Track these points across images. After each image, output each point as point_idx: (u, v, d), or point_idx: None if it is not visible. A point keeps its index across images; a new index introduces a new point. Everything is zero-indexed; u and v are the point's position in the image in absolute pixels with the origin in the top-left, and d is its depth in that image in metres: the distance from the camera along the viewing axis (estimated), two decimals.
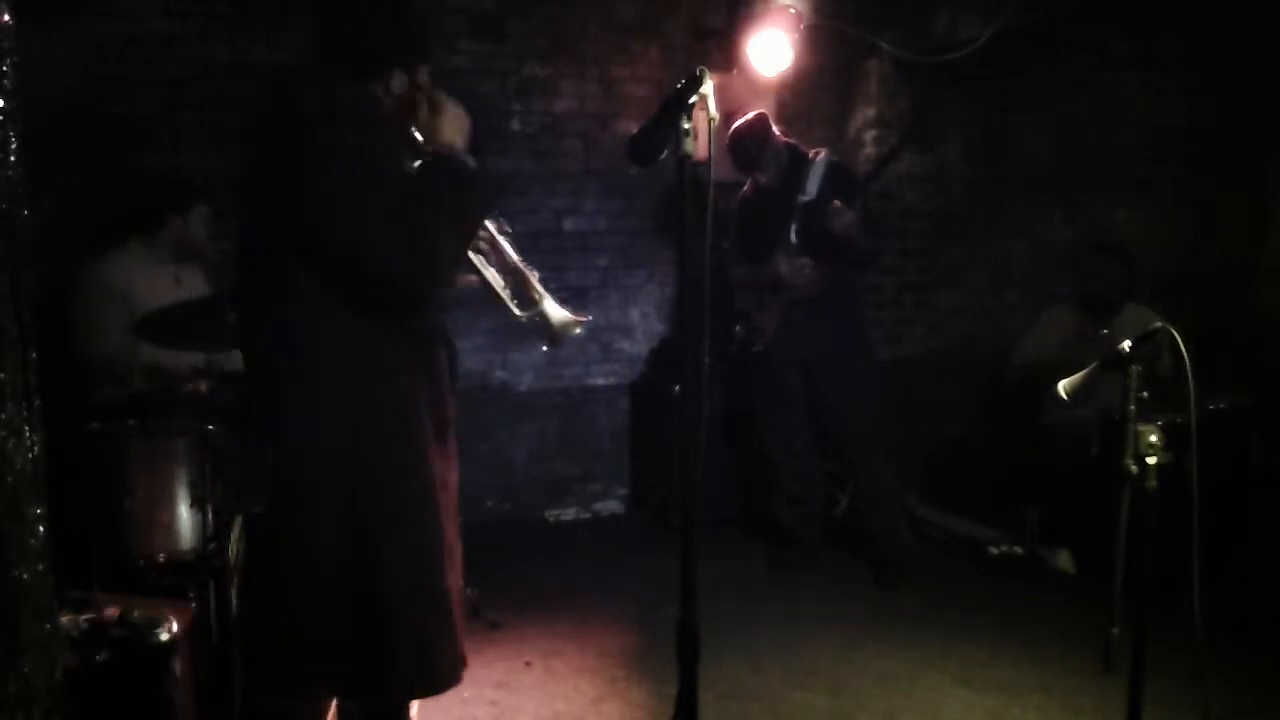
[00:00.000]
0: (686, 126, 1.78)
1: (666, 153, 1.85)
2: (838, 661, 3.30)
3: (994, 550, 4.17)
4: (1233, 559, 3.64)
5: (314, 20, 2.07)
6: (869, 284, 4.86)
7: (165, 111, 4.20)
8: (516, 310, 2.27)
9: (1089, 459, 3.86)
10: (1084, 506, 3.70)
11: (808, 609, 3.75)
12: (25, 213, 1.02)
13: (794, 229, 3.84)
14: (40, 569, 1.05)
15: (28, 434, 1.02)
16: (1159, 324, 2.07)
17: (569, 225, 4.94)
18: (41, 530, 1.05)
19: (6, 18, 1.01)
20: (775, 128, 3.99)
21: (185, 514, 2.66)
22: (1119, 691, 2.13)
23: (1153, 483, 2.00)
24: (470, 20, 4.63)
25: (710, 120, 1.78)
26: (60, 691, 1.08)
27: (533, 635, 3.51)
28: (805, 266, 3.85)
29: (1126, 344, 2.06)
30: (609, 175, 4.93)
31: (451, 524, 2.08)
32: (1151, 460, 1.98)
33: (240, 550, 2.64)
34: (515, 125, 4.79)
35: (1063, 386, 2.37)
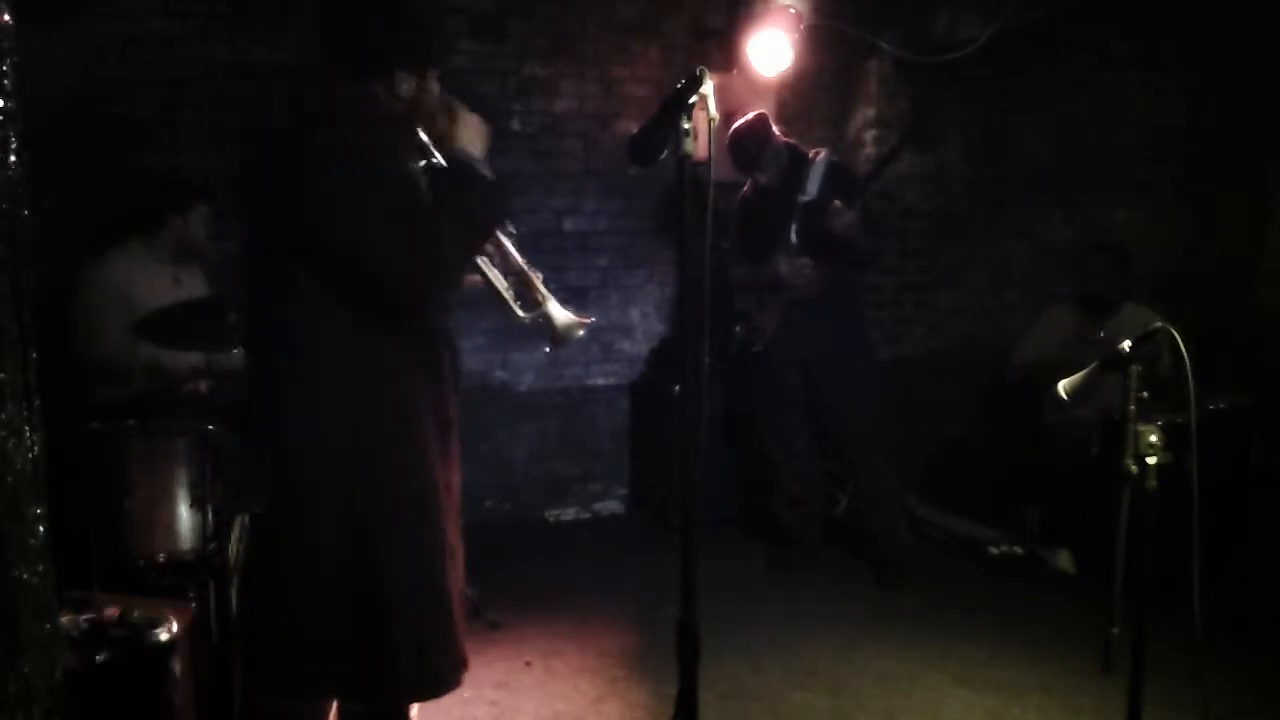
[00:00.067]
0: (686, 126, 1.78)
1: (666, 153, 1.84)
2: (838, 661, 3.30)
3: (994, 550, 4.17)
4: (1233, 559, 3.64)
5: (315, 20, 2.06)
6: (869, 284, 4.86)
7: (165, 111, 4.20)
8: (520, 312, 2.26)
9: (1089, 459, 3.86)
10: (1084, 506, 3.70)
11: (808, 609, 3.75)
12: (25, 213, 1.02)
13: (794, 229, 3.84)
14: (40, 569, 1.05)
15: (28, 434, 1.02)
16: (1159, 324, 2.07)
17: (569, 225, 4.94)
18: (41, 530, 1.05)
19: (6, 18, 1.01)
20: (775, 128, 3.99)
21: (185, 514, 2.66)
22: (1119, 691, 2.13)
23: (1153, 483, 2.00)
24: (470, 20, 4.63)
25: (710, 120, 1.78)
26: (60, 691, 1.08)
27: (533, 635, 3.52)
28: (805, 266, 3.85)
29: (1126, 344, 2.07)
30: (609, 175, 4.93)
31: (453, 526, 2.08)
32: (1151, 460, 1.98)
33: (240, 550, 2.64)
34: (515, 125, 4.78)
35: (1063, 386, 2.37)
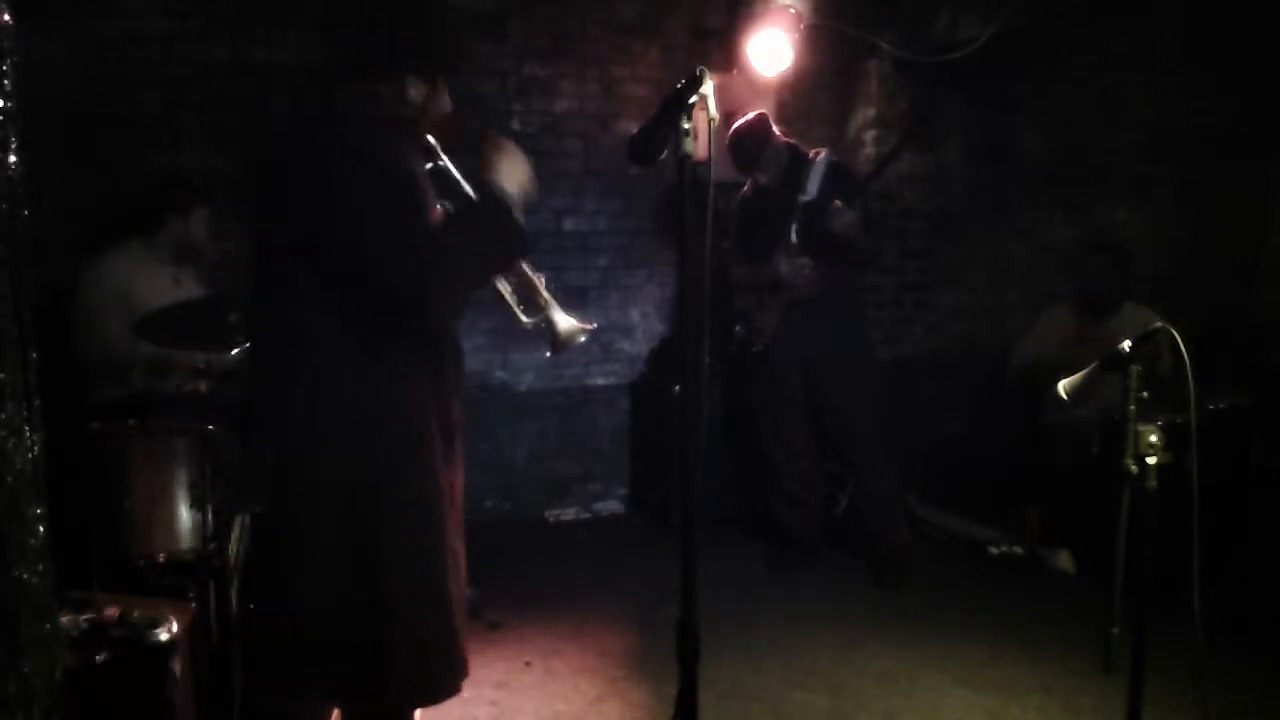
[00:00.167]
0: (686, 126, 1.77)
1: (666, 153, 1.84)
2: (838, 661, 3.30)
3: (994, 550, 4.17)
4: (1233, 559, 3.64)
5: (320, 19, 2.05)
6: (869, 284, 4.86)
7: (165, 111, 4.20)
8: (523, 317, 2.25)
9: (1089, 459, 3.86)
10: (1084, 506, 3.70)
11: (808, 609, 3.75)
12: (25, 213, 1.02)
13: (794, 229, 3.84)
14: (40, 569, 1.05)
15: (28, 434, 1.02)
16: (1159, 324, 2.07)
17: (569, 225, 4.94)
18: (41, 530, 1.05)
19: (6, 18, 1.01)
20: (775, 128, 4.00)
21: (185, 514, 2.66)
22: (1119, 691, 2.13)
23: (1153, 483, 2.00)
24: (470, 20, 4.63)
25: (710, 120, 1.77)
26: (60, 691, 1.08)
27: (533, 635, 3.52)
28: (805, 266, 3.85)
29: (1126, 344, 2.06)
30: (609, 175, 4.93)
31: (455, 531, 2.07)
32: (1151, 460, 1.98)
33: (240, 550, 2.64)
34: (515, 125, 4.78)
35: (1063, 386, 2.37)
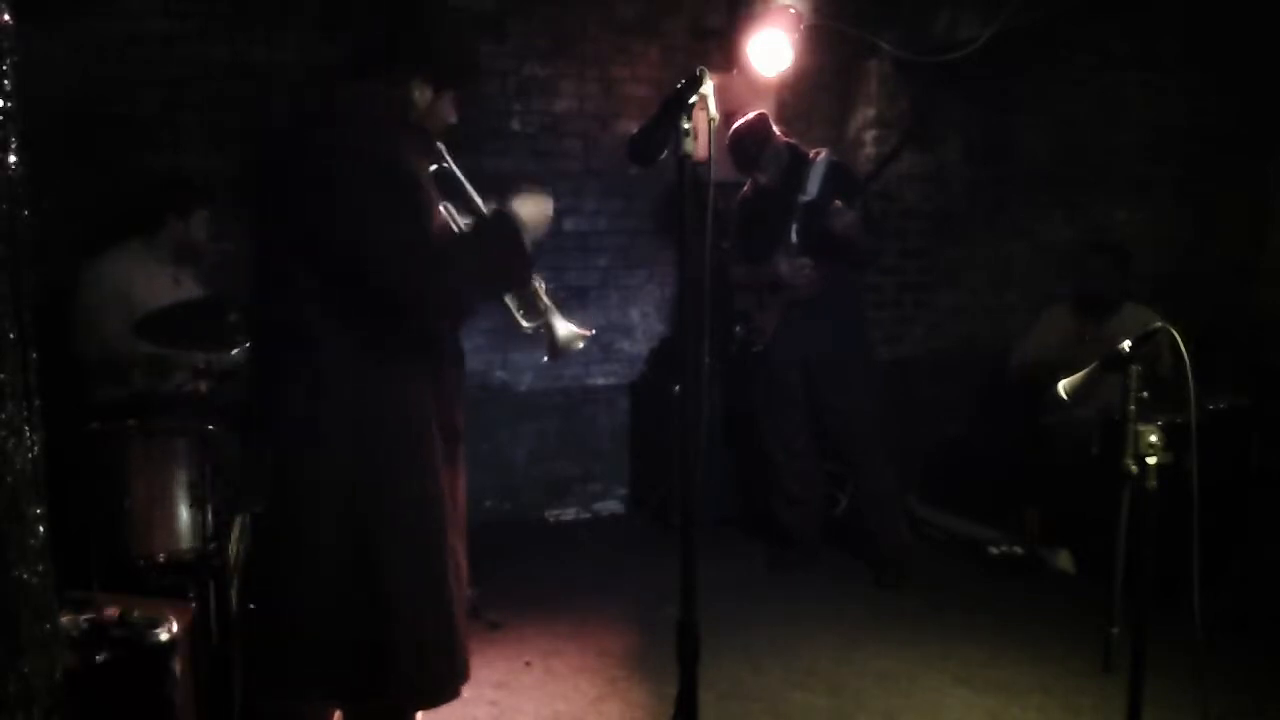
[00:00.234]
0: (686, 126, 1.77)
1: (666, 153, 1.84)
2: (838, 661, 3.30)
3: (994, 550, 4.17)
4: (1233, 559, 3.64)
5: (317, 20, 2.06)
6: (869, 284, 4.86)
7: (165, 111, 4.20)
8: (524, 322, 2.25)
9: (1089, 459, 3.86)
10: (1084, 506, 3.70)
11: (808, 609, 3.75)
12: (25, 213, 1.03)
13: (794, 229, 3.84)
14: (40, 569, 1.05)
15: (28, 434, 1.02)
16: (1159, 324, 2.07)
17: (569, 225, 4.94)
18: (41, 530, 1.05)
19: (6, 18, 1.01)
20: (775, 128, 3.99)
21: (185, 514, 2.66)
22: (1119, 691, 2.13)
23: (1153, 483, 2.00)
24: (470, 20, 4.62)
25: (710, 120, 1.78)
26: (60, 691, 1.08)
27: (533, 635, 3.52)
28: (805, 266, 3.85)
29: (1126, 344, 2.06)
30: (609, 175, 4.93)
31: (456, 535, 2.07)
32: (1151, 460, 1.98)
33: (240, 550, 2.64)
34: (515, 125, 4.78)
35: (1063, 386, 2.37)
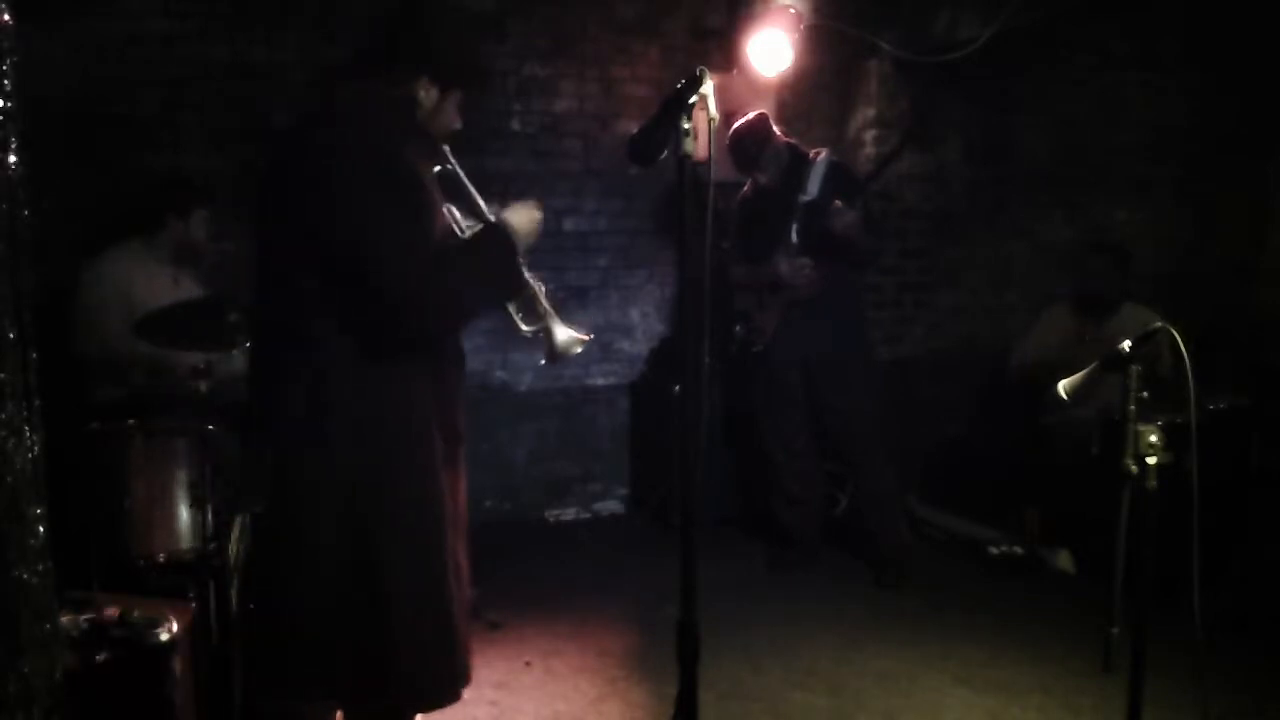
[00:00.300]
0: (686, 126, 1.77)
1: (666, 153, 1.84)
2: (838, 661, 3.30)
3: (994, 550, 4.17)
4: (1233, 559, 3.64)
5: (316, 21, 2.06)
6: (869, 284, 4.86)
7: (165, 111, 4.20)
8: (523, 325, 2.25)
9: (1089, 459, 3.86)
10: (1084, 506, 3.70)
11: (808, 609, 3.75)
12: (25, 213, 1.03)
13: (794, 229, 3.84)
14: (40, 569, 1.05)
15: (28, 434, 1.03)
16: (1159, 324, 2.07)
17: (569, 225, 4.94)
18: (41, 530, 1.05)
19: (6, 18, 1.01)
20: (775, 128, 3.99)
21: (185, 514, 2.66)
22: (1119, 691, 2.13)
23: (1153, 483, 1.99)
24: (470, 20, 4.62)
25: (710, 120, 1.78)
26: (60, 691, 1.08)
27: (533, 635, 3.52)
28: (805, 266, 3.85)
29: (1126, 344, 2.06)
30: (609, 175, 4.93)
31: (456, 538, 2.07)
32: (1151, 460, 1.98)
33: (240, 550, 2.64)
34: (515, 125, 4.78)
35: (1063, 386, 2.37)
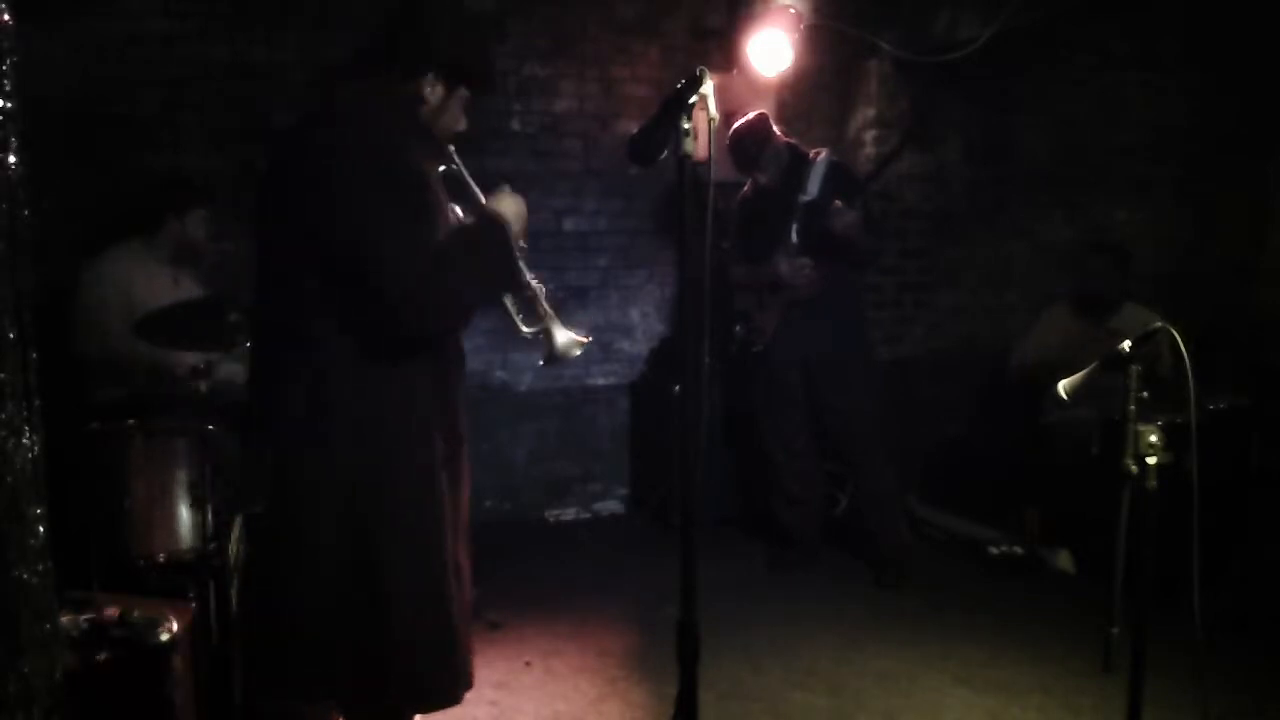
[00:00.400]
0: (686, 126, 1.77)
1: (666, 153, 1.84)
2: (838, 661, 3.30)
3: (994, 550, 4.17)
4: (1233, 559, 3.64)
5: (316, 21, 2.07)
6: (869, 284, 4.86)
7: (165, 111, 4.20)
8: (523, 326, 2.25)
9: (1089, 459, 3.86)
10: (1084, 506, 3.70)
11: (808, 609, 3.75)
12: (25, 213, 1.03)
13: (794, 229, 3.84)
14: (40, 569, 1.05)
15: (28, 434, 1.02)
16: (1159, 324, 2.07)
17: (569, 225, 4.94)
18: (41, 530, 1.05)
19: (6, 18, 1.01)
20: (775, 128, 3.99)
21: (185, 514, 2.65)
22: (1119, 691, 2.13)
23: (1153, 483, 1.99)
24: (473, 18, 4.62)
25: (710, 120, 1.78)
26: (60, 691, 1.08)
27: (533, 635, 3.52)
28: (805, 266, 3.85)
29: (1126, 344, 2.06)
30: (609, 175, 4.93)
31: (457, 540, 2.07)
32: (1151, 460, 1.98)
33: (240, 550, 2.64)
34: (515, 125, 4.78)
35: (1063, 386, 2.37)
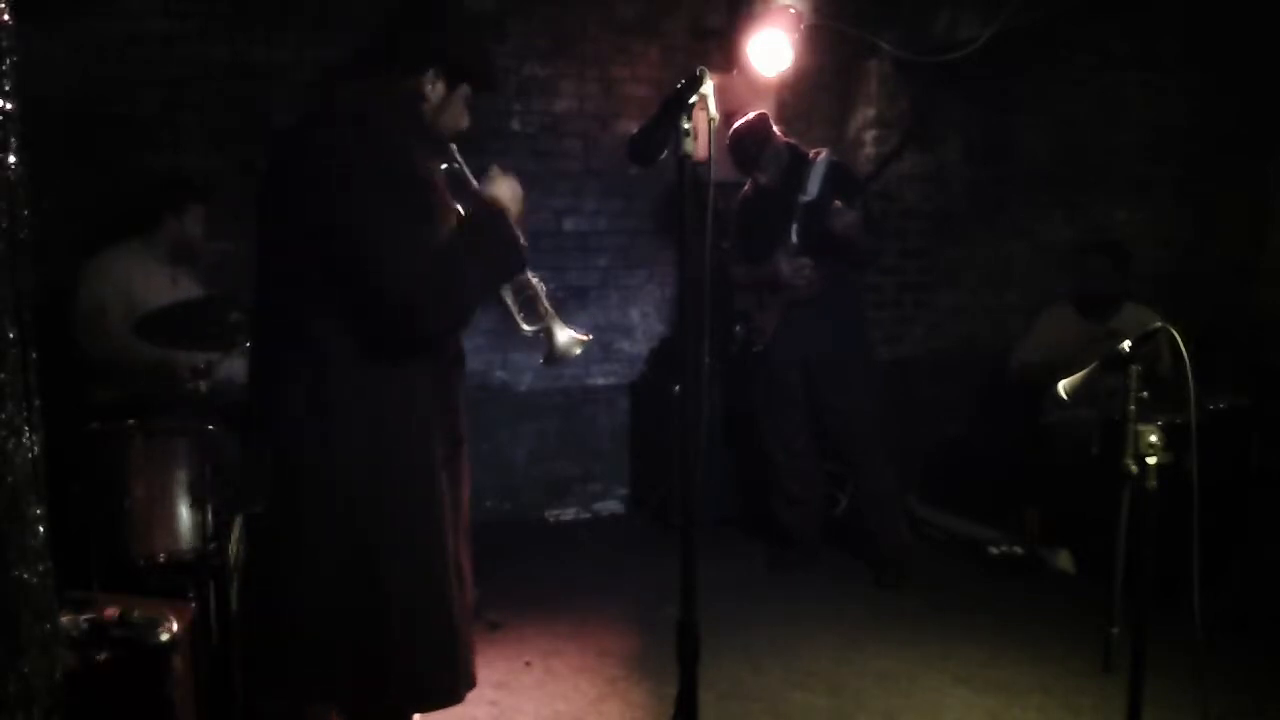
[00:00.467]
0: (686, 126, 1.77)
1: (666, 153, 1.84)
2: (838, 661, 3.30)
3: (994, 550, 4.17)
4: (1233, 559, 3.64)
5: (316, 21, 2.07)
6: (869, 284, 4.86)
7: (165, 111, 4.20)
8: (524, 325, 2.25)
9: (1089, 459, 3.86)
10: (1084, 506, 3.70)
11: (808, 609, 3.75)
12: (25, 213, 1.03)
13: (794, 229, 3.84)
14: (40, 569, 1.05)
15: (28, 434, 1.02)
16: (1159, 324, 2.07)
17: (569, 225, 4.94)
18: (41, 530, 1.05)
19: (6, 18, 1.01)
20: (775, 128, 3.99)
21: (185, 514, 2.66)
22: (1119, 691, 2.13)
23: (1153, 483, 1.99)
24: (475, 17, 4.63)
25: (710, 120, 1.77)
26: (60, 691, 1.08)
27: (533, 635, 3.52)
28: (805, 266, 3.85)
29: (1126, 344, 2.06)
30: (609, 175, 4.93)
31: (458, 541, 2.07)
32: (1151, 460, 1.98)
33: (240, 550, 2.64)
34: (515, 125, 4.78)
35: (1063, 386, 2.37)
